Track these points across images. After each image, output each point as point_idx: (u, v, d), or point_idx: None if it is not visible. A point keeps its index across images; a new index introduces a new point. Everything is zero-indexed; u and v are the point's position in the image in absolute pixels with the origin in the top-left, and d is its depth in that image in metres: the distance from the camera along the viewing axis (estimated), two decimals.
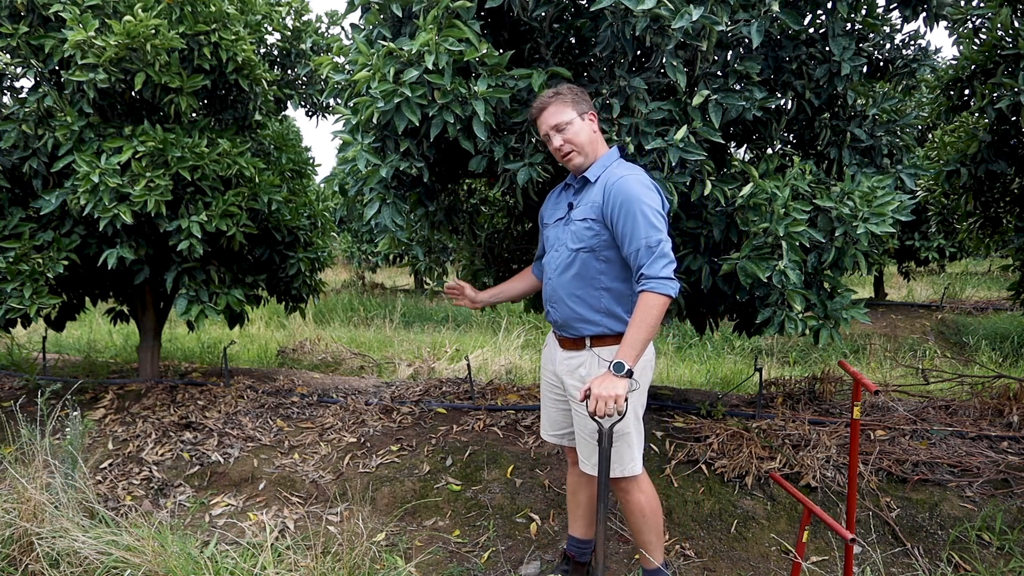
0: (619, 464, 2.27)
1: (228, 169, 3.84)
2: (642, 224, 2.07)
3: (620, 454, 2.26)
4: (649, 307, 2.04)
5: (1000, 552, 2.78)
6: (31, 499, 2.65)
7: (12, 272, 3.68)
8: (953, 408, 3.86)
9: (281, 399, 4.54)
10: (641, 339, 2.05)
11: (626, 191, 2.11)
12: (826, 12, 2.70)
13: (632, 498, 2.33)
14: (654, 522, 2.34)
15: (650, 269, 2.05)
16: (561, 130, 2.22)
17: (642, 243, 2.07)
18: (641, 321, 2.04)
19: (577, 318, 2.28)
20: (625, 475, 2.28)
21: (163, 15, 3.49)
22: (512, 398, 4.39)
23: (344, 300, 11.09)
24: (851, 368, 2.30)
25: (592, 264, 2.22)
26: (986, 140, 3.79)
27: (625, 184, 2.12)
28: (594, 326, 2.26)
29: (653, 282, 2.04)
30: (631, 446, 2.27)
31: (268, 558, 2.47)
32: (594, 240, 2.21)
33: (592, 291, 2.24)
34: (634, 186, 2.12)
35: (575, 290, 2.27)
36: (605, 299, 2.23)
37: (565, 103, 2.21)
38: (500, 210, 4.18)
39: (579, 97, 2.24)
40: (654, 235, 2.07)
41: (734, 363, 6.59)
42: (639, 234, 2.07)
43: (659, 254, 2.05)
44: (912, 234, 9.11)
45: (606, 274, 2.22)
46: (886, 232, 2.57)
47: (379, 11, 2.70)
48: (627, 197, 2.10)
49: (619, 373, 2.02)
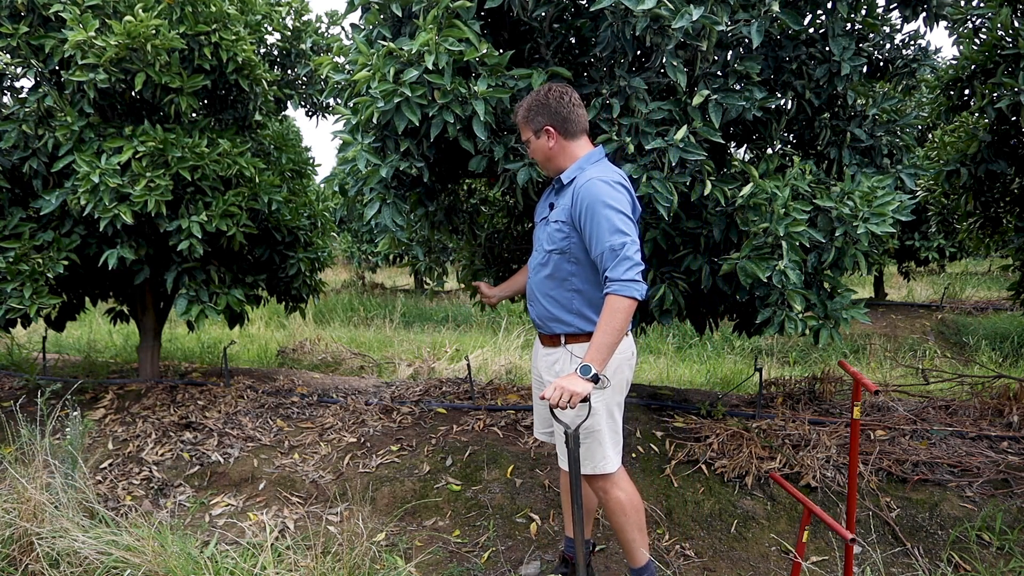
0: (590, 461, 2.27)
1: (228, 169, 3.84)
2: (605, 227, 2.07)
3: (591, 451, 2.26)
4: (614, 310, 2.04)
5: (1000, 552, 2.78)
6: (31, 499, 2.65)
7: (12, 272, 3.68)
8: (953, 408, 3.86)
9: (281, 399, 4.54)
10: (607, 342, 2.05)
11: (591, 194, 2.11)
12: (826, 12, 2.70)
13: (610, 496, 2.32)
14: (636, 519, 2.33)
15: (614, 272, 2.05)
16: (527, 144, 2.31)
17: (606, 246, 2.07)
18: (606, 324, 2.04)
19: (551, 317, 2.31)
20: (597, 472, 2.28)
21: (163, 15, 3.49)
22: (512, 398, 4.39)
23: (344, 300, 11.10)
24: (851, 368, 2.29)
25: (564, 266, 2.24)
26: (986, 140, 3.79)
27: (591, 187, 2.12)
28: (566, 326, 2.28)
29: (617, 284, 2.04)
30: (602, 444, 2.27)
31: (268, 558, 2.47)
32: (564, 243, 2.22)
33: (564, 292, 2.26)
34: (599, 189, 2.11)
35: (549, 290, 2.30)
36: (576, 301, 2.25)
37: (524, 123, 2.27)
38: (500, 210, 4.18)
39: (531, 114, 2.24)
40: (617, 239, 2.06)
41: (734, 363, 6.59)
42: (603, 238, 2.07)
43: (622, 257, 2.05)
44: (912, 234, 9.11)
45: (577, 276, 2.23)
46: (886, 232, 2.57)
47: (379, 11, 2.70)
48: (592, 200, 2.10)
49: (585, 376, 2.03)
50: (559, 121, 2.22)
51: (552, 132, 2.23)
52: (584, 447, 2.25)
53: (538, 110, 2.23)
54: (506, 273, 4.12)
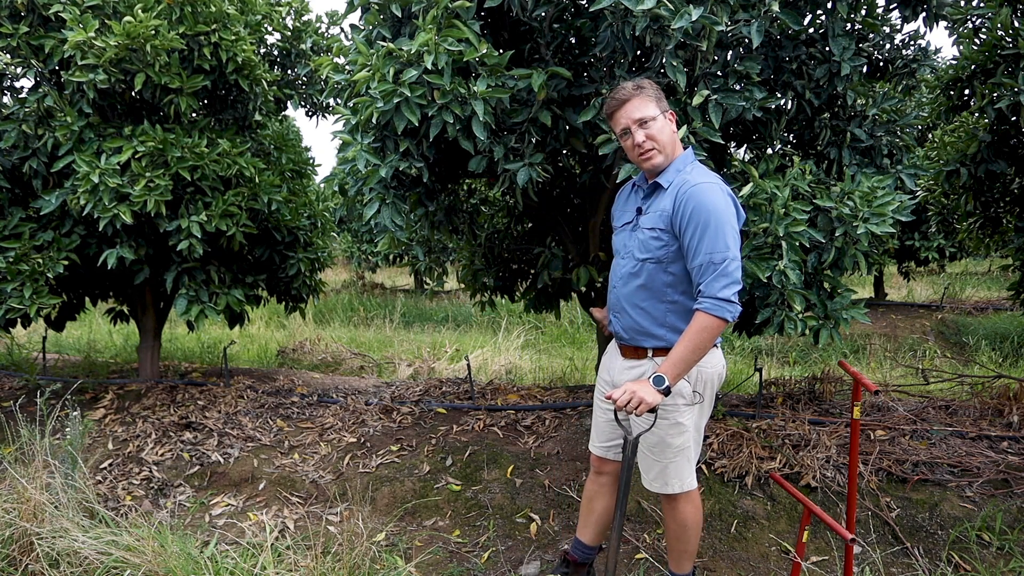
0: (677, 480, 2.20)
1: (228, 169, 3.84)
2: (710, 237, 1.94)
3: (679, 469, 2.20)
4: (702, 328, 1.92)
5: (1000, 552, 2.78)
6: (31, 499, 2.65)
7: (12, 272, 3.68)
8: (953, 408, 3.86)
9: (281, 399, 4.54)
10: (688, 359, 1.95)
11: (698, 200, 1.97)
12: (826, 12, 2.70)
13: (679, 507, 2.26)
14: (694, 534, 2.30)
15: (709, 288, 1.92)
16: (644, 125, 2.05)
17: (706, 258, 1.93)
18: (691, 341, 1.93)
19: (640, 331, 2.16)
20: (684, 490, 2.22)
21: (163, 15, 3.49)
22: (512, 398, 4.39)
23: (344, 300, 11.09)
24: (851, 368, 2.29)
25: (659, 276, 2.09)
26: (986, 140, 3.79)
27: (698, 192, 1.98)
28: (657, 340, 2.14)
29: (710, 303, 1.91)
30: (690, 461, 2.21)
31: (268, 558, 2.47)
32: (662, 251, 2.07)
33: (658, 304, 2.11)
34: (708, 196, 1.97)
35: (640, 302, 2.14)
36: (671, 314, 2.11)
37: (649, 98, 2.06)
38: (500, 210, 4.18)
39: (661, 94, 2.10)
40: (720, 252, 1.92)
41: (734, 363, 6.59)
42: (704, 248, 1.94)
43: (721, 272, 1.91)
44: (912, 234, 9.11)
45: (673, 287, 2.09)
46: (886, 232, 2.57)
47: (379, 11, 2.70)
48: (698, 207, 1.96)
49: (659, 387, 1.94)
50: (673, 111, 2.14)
51: (674, 117, 2.14)
52: (675, 465, 2.18)
53: (661, 93, 2.10)
54: (506, 273, 4.12)
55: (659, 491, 2.25)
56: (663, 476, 2.21)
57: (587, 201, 3.51)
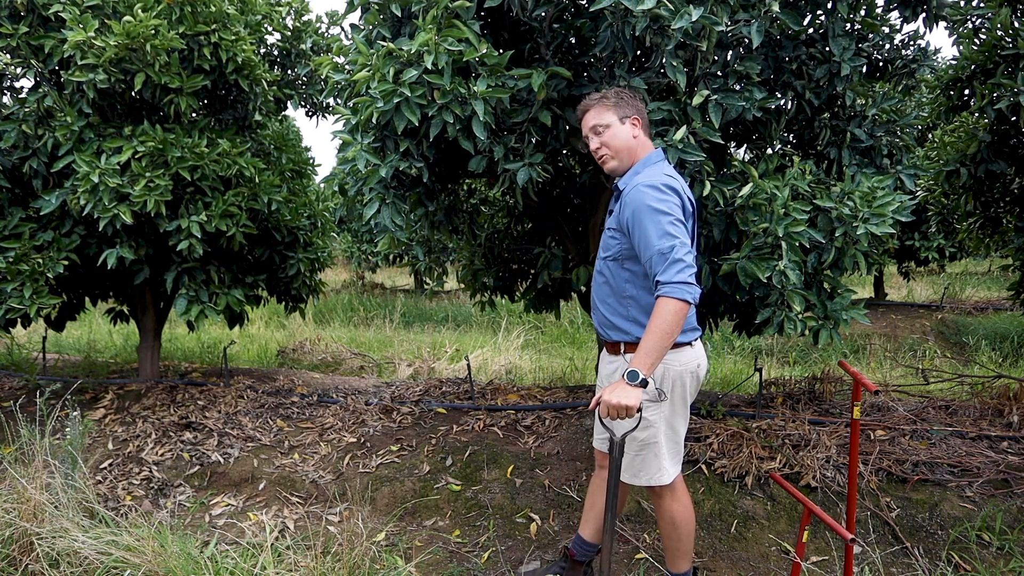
0: (645, 473, 2.26)
1: (228, 169, 3.84)
2: (652, 232, 2.04)
3: (647, 463, 2.25)
4: (665, 312, 1.98)
5: (1000, 552, 2.78)
6: (31, 499, 2.65)
7: (12, 272, 3.68)
8: (953, 408, 3.86)
9: (281, 399, 4.54)
10: (656, 346, 1.99)
11: (637, 200, 2.09)
12: (826, 12, 2.70)
13: (664, 504, 2.33)
14: (685, 532, 2.34)
15: (664, 275, 2.01)
16: (599, 133, 2.22)
17: (654, 251, 2.03)
18: (656, 327, 1.99)
19: (608, 324, 2.29)
20: (654, 484, 2.28)
21: (163, 15, 3.49)
22: (512, 398, 4.39)
23: (344, 300, 11.10)
24: (851, 368, 2.29)
25: (618, 272, 2.23)
26: (986, 140, 3.79)
27: (636, 194, 2.11)
28: (623, 333, 2.26)
29: (668, 287, 1.99)
30: (658, 456, 2.25)
31: (268, 558, 2.47)
32: (617, 249, 2.22)
33: (620, 299, 2.24)
34: (643, 194, 2.09)
35: (606, 297, 2.29)
36: (632, 308, 2.23)
37: (607, 106, 2.21)
38: (500, 210, 4.18)
39: (623, 101, 2.22)
40: (666, 242, 2.02)
41: (734, 363, 6.59)
42: (651, 242, 2.04)
43: (672, 259, 2.00)
44: (912, 234, 9.11)
45: (631, 283, 2.21)
46: (886, 232, 2.57)
47: (379, 11, 2.70)
48: (638, 206, 2.08)
49: (633, 382, 1.98)
50: (644, 116, 2.25)
51: (639, 123, 2.24)
52: (640, 458, 2.25)
53: (629, 100, 2.22)
54: (506, 273, 4.12)
55: (630, 482, 2.31)
56: (631, 467, 2.29)
57: (587, 201, 3.51)
